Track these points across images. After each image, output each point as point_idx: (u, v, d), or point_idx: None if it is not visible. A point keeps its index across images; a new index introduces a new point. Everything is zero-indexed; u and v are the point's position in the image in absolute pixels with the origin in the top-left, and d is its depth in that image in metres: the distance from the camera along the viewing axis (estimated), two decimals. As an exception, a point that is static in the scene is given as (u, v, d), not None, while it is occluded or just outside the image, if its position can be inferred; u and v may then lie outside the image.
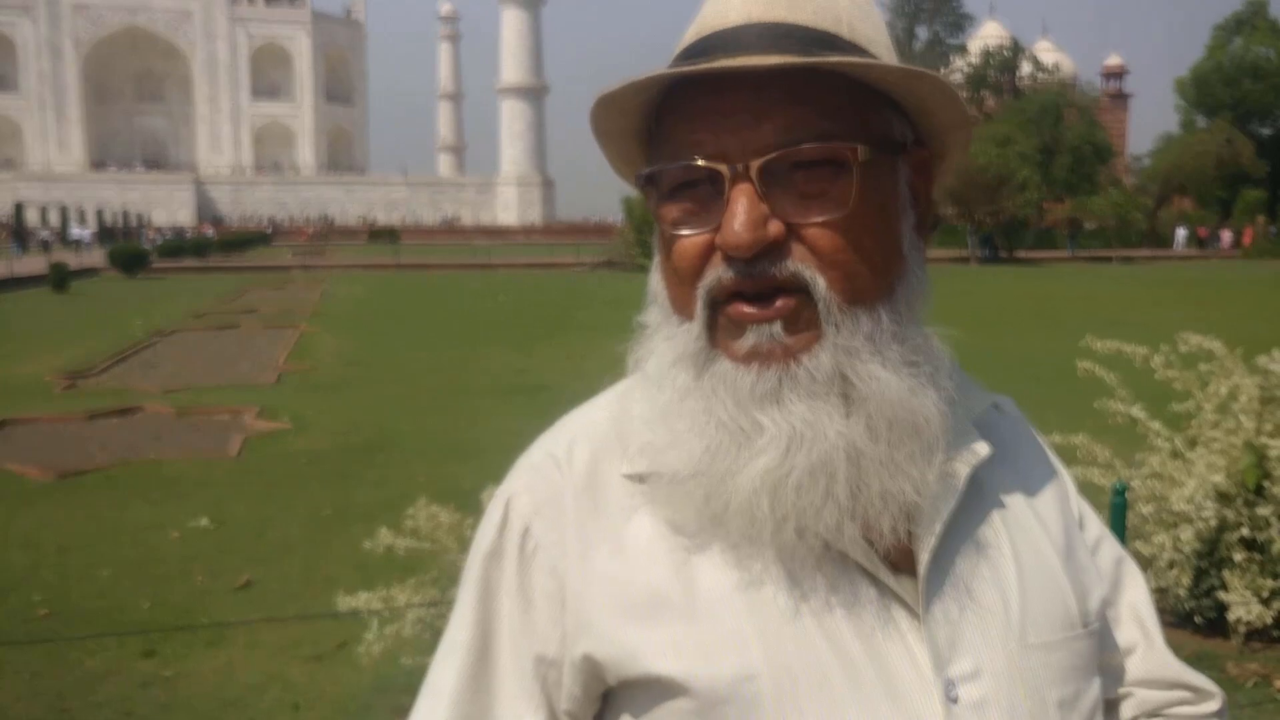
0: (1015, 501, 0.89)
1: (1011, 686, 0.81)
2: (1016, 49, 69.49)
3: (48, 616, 5.17)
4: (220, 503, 7.24)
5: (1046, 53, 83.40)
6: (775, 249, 0.77)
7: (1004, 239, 48.14)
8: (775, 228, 0.76)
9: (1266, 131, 67.92)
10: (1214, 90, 66.77)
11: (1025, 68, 69.75)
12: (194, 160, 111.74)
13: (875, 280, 0.79)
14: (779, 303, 0.77)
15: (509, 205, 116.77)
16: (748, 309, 0.78)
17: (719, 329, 0.79)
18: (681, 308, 0.82)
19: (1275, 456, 4.56)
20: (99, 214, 76.02)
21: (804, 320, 0.77)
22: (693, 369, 0.80)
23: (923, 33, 70.66)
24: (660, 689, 0.79)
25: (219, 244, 53.07)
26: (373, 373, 13.84)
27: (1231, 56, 66.97)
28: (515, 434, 1.22)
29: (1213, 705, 0.99)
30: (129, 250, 38.93)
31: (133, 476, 8.07)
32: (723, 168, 0.77)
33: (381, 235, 76.11)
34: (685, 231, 0.80)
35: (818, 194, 0.77)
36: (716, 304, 0.79)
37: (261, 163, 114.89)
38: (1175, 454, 4.91)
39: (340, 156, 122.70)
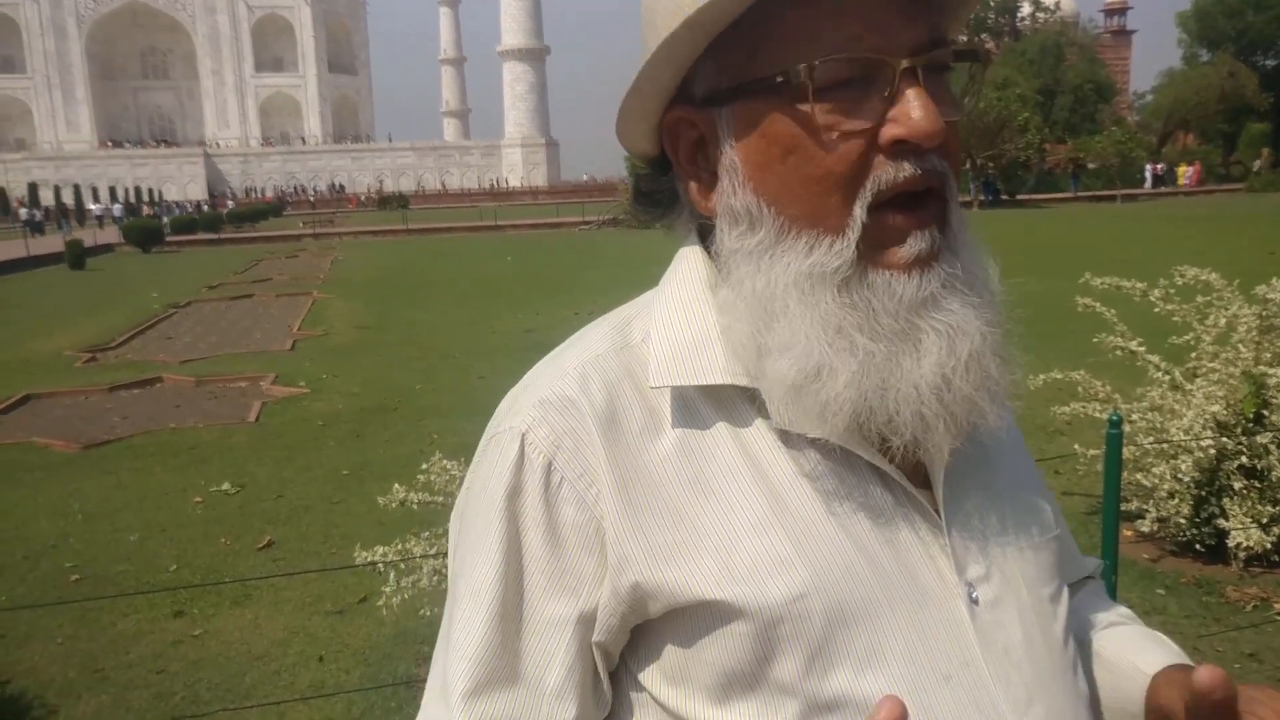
0: None
1: (1015, 585, 0.85)
2: (1016, -10, 68.54)
3: (78, 581, 5.30)
4: (241, 467, 7.38)
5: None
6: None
7: (1006, 182, 47.48)
8: None
9: (1270, 63, 66.63)
10: (1216, 23, 65.46)
11: (1025, 9, 68.76)
12: (202, 135, 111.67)
13: None
14: (931, 207, 0.78)
15: (514, 167, 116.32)
16: (910, 216, 0.77)
17: (870, 239, 0.77)
18: (819, 219, 0.77)
19: (1274, 385, 4.60)
20: (111, 190, 76.07)
21: (942, 222, 0.79)
22: (834, 285, 0.77)
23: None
24: (714, 614, 0.79)
25: (231, 216, 53.42)
26: (385, 335, 13.96)
27: (1235, -12, 65.67)
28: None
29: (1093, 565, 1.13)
30: (144, 226, 39.19)
31: (155, 445, 8.21)
32: (900, 61, 0.75)
33: (390, 201, 76.46)
34: (850, 127, 0.76)
35: (947, 97, 0.79)
36: (874, 210, 0.76)
37: (269, 134, 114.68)
38: (1174, 386, 4.95)
39: (347, 126, 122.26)
